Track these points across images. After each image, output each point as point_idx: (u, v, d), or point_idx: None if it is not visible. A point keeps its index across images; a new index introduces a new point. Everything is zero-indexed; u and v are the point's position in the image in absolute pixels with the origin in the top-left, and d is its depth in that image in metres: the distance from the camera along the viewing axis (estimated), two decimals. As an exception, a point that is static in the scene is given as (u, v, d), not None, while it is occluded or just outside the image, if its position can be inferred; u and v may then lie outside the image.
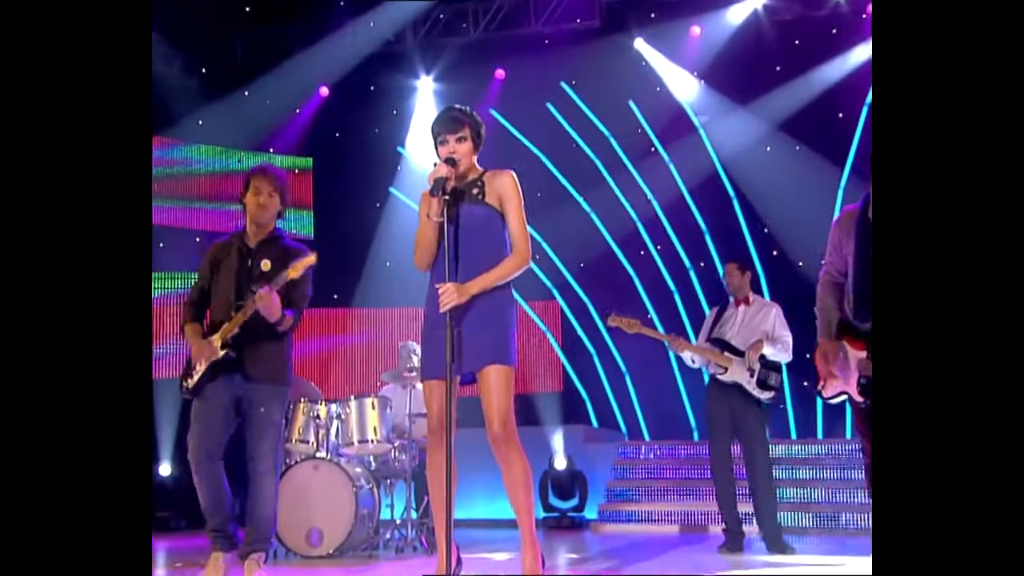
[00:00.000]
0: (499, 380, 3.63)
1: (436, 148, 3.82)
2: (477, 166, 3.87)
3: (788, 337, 6.08)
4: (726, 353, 6.01)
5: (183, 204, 10.19)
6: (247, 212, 4.47)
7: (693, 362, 6.15)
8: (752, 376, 5.96)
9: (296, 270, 4.28)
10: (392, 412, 6.46)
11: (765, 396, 5.97)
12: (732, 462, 6.07)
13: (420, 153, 11.13)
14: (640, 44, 10.63)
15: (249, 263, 4.41)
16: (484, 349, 3.65)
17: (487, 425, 3.66)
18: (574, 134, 10.88)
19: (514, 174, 3.83)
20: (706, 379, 6.24)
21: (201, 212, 10.31)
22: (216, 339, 4.33)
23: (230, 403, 4.34)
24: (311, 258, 4.32)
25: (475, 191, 3.79)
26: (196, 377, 4.34)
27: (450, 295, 3.59)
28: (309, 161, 11.12)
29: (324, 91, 11.04)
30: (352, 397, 6.37)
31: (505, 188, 3.78)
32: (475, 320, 3.67)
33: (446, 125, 3.79)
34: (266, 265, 4.36)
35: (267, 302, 4.20)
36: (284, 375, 4.43)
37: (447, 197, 3.62)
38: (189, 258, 9.39)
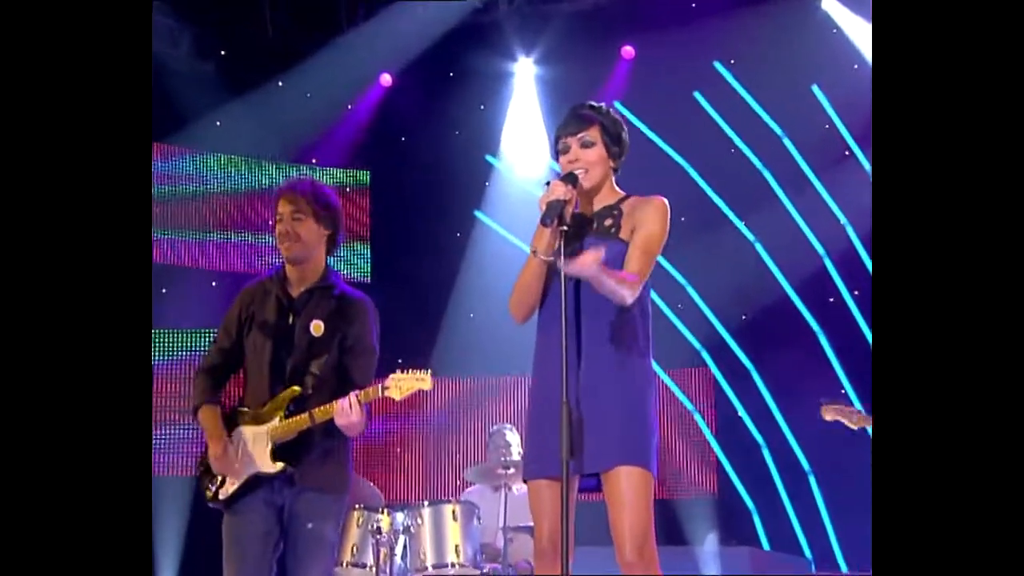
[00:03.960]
0: (633, 488, 3.65)
1: (557, 159, 3.93)
2: (616, 187, 3.95)
3: None
4: None
5: (194, 235, 10.37)
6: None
7: None
8: None
9: (401, 391, 4.30)
10: (481, 525, 6.52)
11: None
12: None
13: (517, 162, 11.22)
14: (831, 5, 10.56)
15: (290, 320, 4.49)
16: (613, 442, 3.68)
17: (617, 548, 3.66)
18: (732, 134, 10.80)
19: (666, 203, 3.89)
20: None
21: (218, 246, 10.47)
22: (263, 439, 4.37)
23: (273, 517, 4.39)
24: (424, 381, 4.31)
25: (608, 221, 3.85)
26: (233, 486, 4.39)
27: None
28: (366, 176, 11.28)
29: (386, 79, 11.19)
30: (425, 503, 6.47)
31: (646, 215, 3.83)
32: (601, 399, 3.69)
33: (566, 124, 3.90)
34: (317, 328, 4.43)
35: (351, 420, 4.24)
36: (343, 479, 4.48)
37: (565, 228, 3.70)
38: (202, 309, 9.57)
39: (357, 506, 6.40)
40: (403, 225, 11.12)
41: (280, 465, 4.32)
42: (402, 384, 4.29)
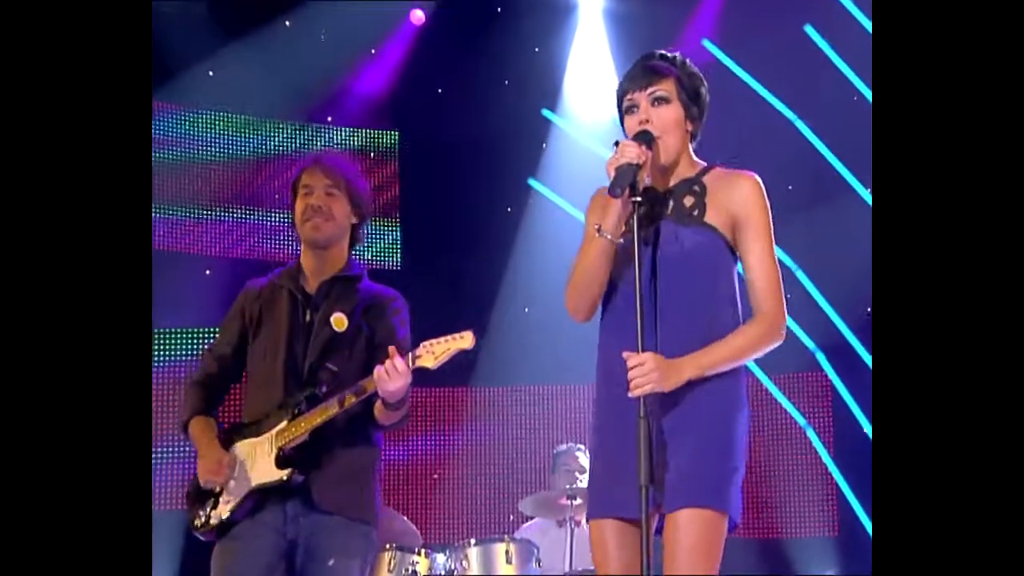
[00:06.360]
0: (696, 532, 3.69)
1: (622, 121, 3.93)
2: (694, 156, 3.96)
3: None
4: None
5: (184, 213, 10.38)
6: (298, 232, 4.65)
7: None
8: None
9: (435, 356, 4.34)
10: (541, 568, 6.54)
11: None
12: None
13: (581, 119, 11.20)
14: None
15: (307, 317, 4.57)
16: (682, 477, 3.71)
17: None
18: (854, 77, 10.71)
19: (759, 180, 3.90)
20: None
21: (213, 225, 10.49)
22: (266, 446, 4.43)
23: (280, 549, 4.43)
24: (464, 339, 4.34)
25: (688, 200, 3.86)
26: (228, 507, 4.47)
27: (647, 373, 3.63)
28: (394, 137, 11.29)
29: (418, 17, 11.17)
30: (472, 542, 6.50)
31: (745, 202, 3.86)
32: (674, 420, 3.73)
33: (635, 77, 3.92)
34: (339, 322, 4.52)
35: (396, 380, 4.26)
36: (369, 504, 4.56)
37: (638, 199, 3.69)
38: (193, 303, 9.64)
39: (389, 545, 6.42)
40: (440, 198, 11.10)
41: (286, 472, 4.34)
42: (435, 348, 4.32)
